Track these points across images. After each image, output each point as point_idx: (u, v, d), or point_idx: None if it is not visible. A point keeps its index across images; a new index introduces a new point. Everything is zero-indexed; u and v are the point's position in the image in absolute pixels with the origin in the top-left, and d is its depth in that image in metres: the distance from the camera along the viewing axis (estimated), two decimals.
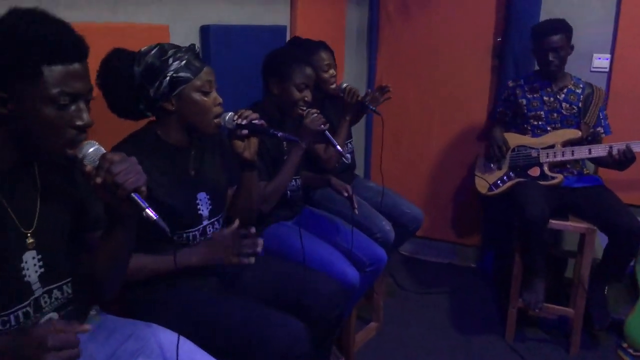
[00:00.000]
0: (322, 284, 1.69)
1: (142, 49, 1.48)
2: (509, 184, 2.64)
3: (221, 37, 2.14)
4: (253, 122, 1.55)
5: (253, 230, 1.50)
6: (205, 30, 2.10)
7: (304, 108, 1.98)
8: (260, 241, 1.50)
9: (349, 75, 3.34)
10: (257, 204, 1.74)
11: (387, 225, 2.33)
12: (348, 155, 2.54)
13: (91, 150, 1.06)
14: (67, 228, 1.19)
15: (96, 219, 1.25)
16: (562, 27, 2.47)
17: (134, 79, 1.46)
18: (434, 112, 3.40)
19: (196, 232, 1.57)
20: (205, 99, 1.49)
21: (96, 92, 1.51)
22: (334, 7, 3.08)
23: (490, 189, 2.70)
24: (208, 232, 1.60)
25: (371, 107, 2.38)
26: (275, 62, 2.03)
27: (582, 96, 2.57)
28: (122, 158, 1.05)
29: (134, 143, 1.48)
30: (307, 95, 1.99)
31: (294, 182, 2.09)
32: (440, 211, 3.49)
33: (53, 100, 1.01)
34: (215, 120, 1.52)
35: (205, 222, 1.59)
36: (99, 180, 1.03)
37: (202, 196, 1.58)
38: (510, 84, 2.71)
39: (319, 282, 1.68)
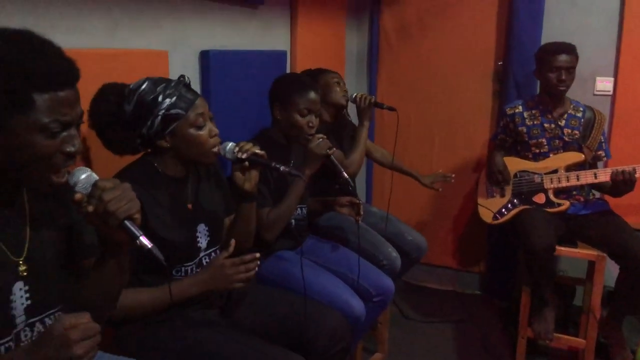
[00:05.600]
0: (325, 316, 1.61)
1: (132, 85, 1.42)
2: (514, 211, 2.58)
3: (221, 63, 2.09)
4: (254, 153, 1.48)
5: (257, 255, 1.42)
6: (204, 56, 2.05)
7: (310, 133, 1.93)
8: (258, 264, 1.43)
9: None
10: (254, 234, 1.67)
11: (394, 252, 2.25)
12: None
13: (83, 176, 1.01)
14: (59, 255, 1.13)
15: (90, 245, 1.18)
16: (572, 48, 2.44)
17: (125, 117, 1.41)
18: (435, 136, 3.36)
19: (193, 265, 1.50)
20: (200, 132, 1.43)
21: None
22: (333, 31, 3.06)
23: (495, 218, 2.63)
24: (203, 263, 1.53)
25: (384, 105, 2.43)
26: (278, 88, 1.98)
27: (582, 120, 2.52)
28: (115, 185, 0.99)
29: (131, 175, 1.42)
30: (312, 120, 1.93)
31: (299, 211, 2.03)
32: (442, 237, 3.43)
33: (45, 128, 0.94)
34: (214, 150, 1.46)
35: (202, 254, 1.53)
36: (90, 208, 0.98)
37: (201, 228, 1.52)
38: (508, 111, 2.64)
39: (322, 315, 1.60)
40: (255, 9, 2.38)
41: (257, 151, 1.48)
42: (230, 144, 1.49)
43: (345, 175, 1.87)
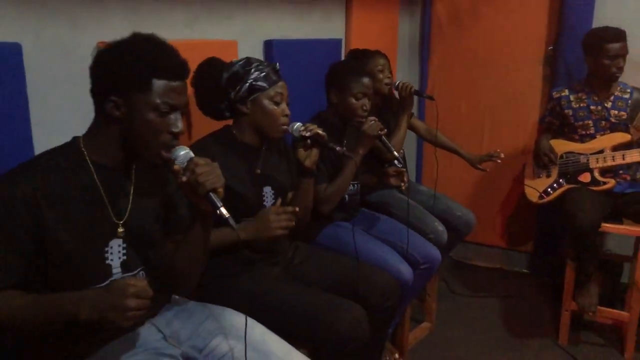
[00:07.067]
0: (377, 276, 1.82)
1: (234, 60, 1.72)
2: (559, 190, 2.67)
3: (282, 51, 2.31)
4: (317, 134, 1.71)
5: (297, 208, 1.64)
6: (268, 45, 2.28)
7: (363, 116, 2.11)
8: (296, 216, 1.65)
9: None
10: (311, 208, 1.89)
11: (440, 226, 2.41)
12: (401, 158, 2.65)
13: (182, 153, 1.24)
14: (155, 224, 1.36)
15: (182, 219, 1.43)
16: (623, 34, 2.48)
17: (220, 82, 1.70)
18: (485, 120, 3.46)
19: None
20: (275, 107, 1.70)
21: None
22: (387, 19, 3.21)
23: (540, 197, 2.73)
24: None
25: (424, 93, 2.52)
26: (335, 74, 2.19)
27: (630, 101, 2.57)
28: (206, 162, 1.22)
29: (213, 138, 1.72)
30: (365, 103, 2.12)
31: (352, 187, 2.22)
32: (491, 217, 3.53)
33: (157, 107, 1.20)
34: (283, 127, 1.70)
35: None
36: (184, 178, 1.21)
37: (267, 189, 1.78)
38: (555, 94, 2.72)
39: (374, 275, 1.81)
40: None
41: (320, 132, 1.71)
42: (298, 124, 1.75)
43: (395, 153, 2.06)
